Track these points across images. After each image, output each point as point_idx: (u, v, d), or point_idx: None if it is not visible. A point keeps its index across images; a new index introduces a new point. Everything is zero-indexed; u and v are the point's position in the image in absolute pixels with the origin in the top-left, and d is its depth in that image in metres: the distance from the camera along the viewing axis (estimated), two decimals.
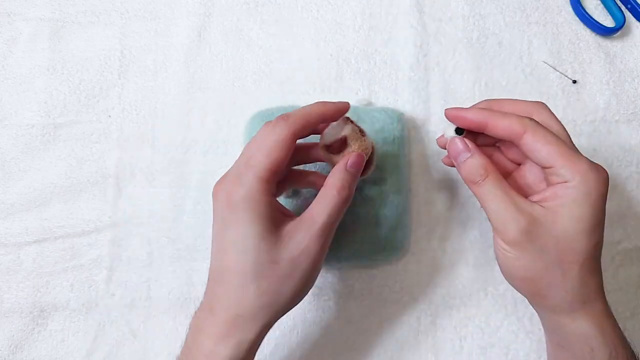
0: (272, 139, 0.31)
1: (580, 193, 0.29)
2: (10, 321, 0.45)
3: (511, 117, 0.31)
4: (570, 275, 0.30)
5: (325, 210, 0.31)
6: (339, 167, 0.33)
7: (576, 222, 0.29)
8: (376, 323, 0.45)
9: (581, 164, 0.29)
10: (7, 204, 0.47)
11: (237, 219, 0.30)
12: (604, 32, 0.51)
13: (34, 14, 0.51)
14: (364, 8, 0.51)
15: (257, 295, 0.30)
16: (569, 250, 0.29)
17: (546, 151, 0.29)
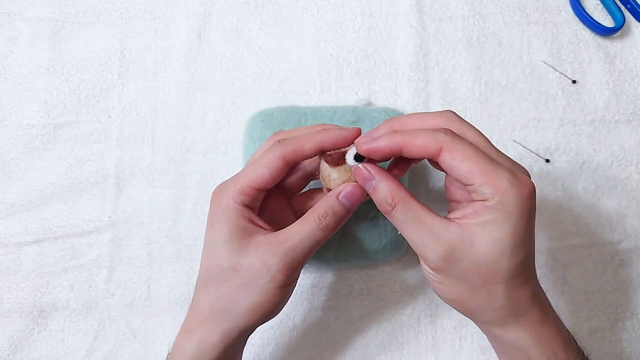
0: (262, 159, 0.32)
1: (500, 213, 0.27)
2: (10, 321, 0.45)
3: (425, 135, 0.28)
4: (497, 295, 0.28)
5: (298, 234, 0.31)
6: (332, 193, 0.31)
7: (496, 244, 0.27)
8: (376, 323, 0.45)
9: (501, 181, 0.27)
10: (7, 204, 0.47)
11: (213, 222, 0.32)
12: (603, 32, 0.51)
13: (34, 14, 0.51)
14: (364, 8, 0.51)
15: (215, 297, 0.31)
16: (491, 272, 0.28)
17: (465, 168, 0.27)
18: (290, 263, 0.30)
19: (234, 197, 0.31)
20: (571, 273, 0.46)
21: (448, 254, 0.28)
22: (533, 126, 0.49)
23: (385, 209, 0.30)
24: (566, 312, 0.46)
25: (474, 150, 0.28)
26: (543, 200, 0.47)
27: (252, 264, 0.30)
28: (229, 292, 0.31)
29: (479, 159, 0.27)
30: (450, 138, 0.28)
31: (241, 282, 0.30)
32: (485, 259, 0.28)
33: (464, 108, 0.49)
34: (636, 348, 0.45)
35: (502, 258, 0.28)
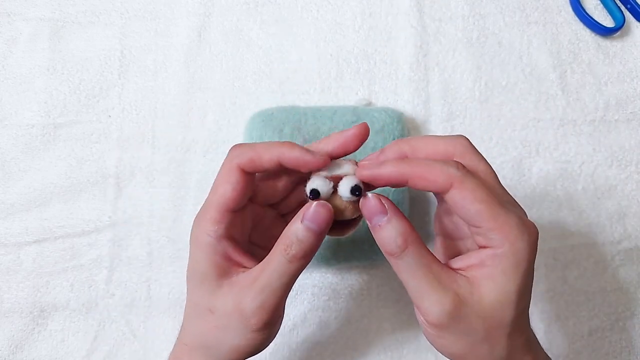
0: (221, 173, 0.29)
1: (509, 264, 0.25)
2: (10, 321, 0.45)
3: (434, 169, 0.26)
4: (498, 347, 0.27)
5: (266, 273, 0.27)
6: (295, 218, 0.27)
7: (504, 296, 0.26)
8: (376, 323, 0.45)
9: (511, 228, 0.25)
10: (7, 204, 0.47)
11: (191, 257, 0.29)
12: (603, 32, 0.51)
13: (34, 14, 0.51)
14: (364, 8, 0.51)
15: (198, 332, 0.30)
16: (497, 325, 0.26)
17: (474, 210, 0.25)
18: (263, 305, 0.27)
19: (207, 230, 0.28)
20: (571, 273, 0.46)
21: (456, 309, 0.26)
22: (533, 126, 0.49)
23: (393, 250, 0.26)
24: (566, 312, 0.46)
25: (485, 191, 0.25)
26: (543, 199, 0.47)
27: (226, 307, 0.28)
28: (209, 331, 0.29)
29: (490, 201, 0.25)
30: (462, 175, 0.25)
31: (219, 324, 0.28)
32: (492, 313, 0.26)
33: (464, 108, 0.49)
34: (636, 348, 0.45)
35: (508, 309, 0.26)
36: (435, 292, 0.26)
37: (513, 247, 0.25)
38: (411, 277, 0.26)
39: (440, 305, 0.25)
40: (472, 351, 0.27)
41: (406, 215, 0.41)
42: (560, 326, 0.45)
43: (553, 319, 0.45)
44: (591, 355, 0.45)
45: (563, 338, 0.45)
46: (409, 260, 0.26)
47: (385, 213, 0.27)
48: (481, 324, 0.26)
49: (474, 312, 0.26)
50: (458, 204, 0.26)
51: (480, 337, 0.26)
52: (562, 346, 0.45)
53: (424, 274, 0.26)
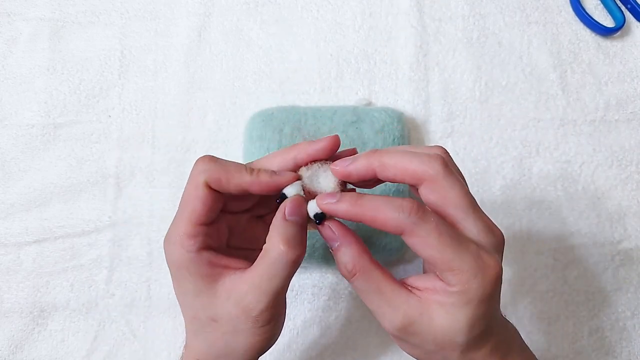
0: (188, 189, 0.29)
1: (459, 299, 0.26)
2: (10, 321, 0.45)
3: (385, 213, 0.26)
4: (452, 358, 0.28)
5: (268, 275, 0.27)
6: (277, 218, 0.28)
7: (454, 323, 0.26)
8: (376, 323, 0.45)
9: (464, 271, 0.26)
10: (7, 204, 0.47)
11: (175, 277, 0.29)
12: (603, 32, 0.51)
13: (34, 14, 0.51)
14: (364, 8, 0.51)
15: (208, 345, 0.30)
16: (448, 344, 0.27)
17: (426, 255, 0.26)
18: (268, 299, 0.28)
19: (183, 246, 0.28)
20: (571, 273, 0.46)
21: (405, 326, 0.27)
22: (533, 126, 0.49)
23: (345, 275, 0.28)
24: (566, 312, 0.46)
25: (436, 238, 0.26)
26: (543, 200, 0.47)
27: (230, 312, 0.28)
28: (219, 340, 0.29)
29: (442, 247, 0.26)
30: (413, 222, 0.26)
31: (227, 331, 0.29)
32: (442, 334, 0.27)
33: (464, 108, 0.49)
34: (636, 348, 0.45)
35: (459, 334, 0.27)
36: (385, 312, 0.27)
37: (463, 288, 0.26)
38: (364, 298, 0.28)
39: (390, 322, 0.27)
40: (426, 358, 0.29)
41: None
42: (560, 326, 0.45)
43: (553, 319, 0.45)
44: (591, 355, 0.45)
45: (563, 338, 0.45)
46: (359, 284, 0.28)
47: (335, 240, 0.28)
48: (431, 341, 0.27)
49: (423, 330, 0.27)
50: (411, 247, 0.26)
51: (432, 350, 0.28)
52: (562, 346, 0.45)
53: (374, 296, 0.28)
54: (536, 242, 0.47)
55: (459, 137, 0.48)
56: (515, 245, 0.47)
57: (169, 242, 0.29)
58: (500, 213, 0.47)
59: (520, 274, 0.46)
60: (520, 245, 0.47)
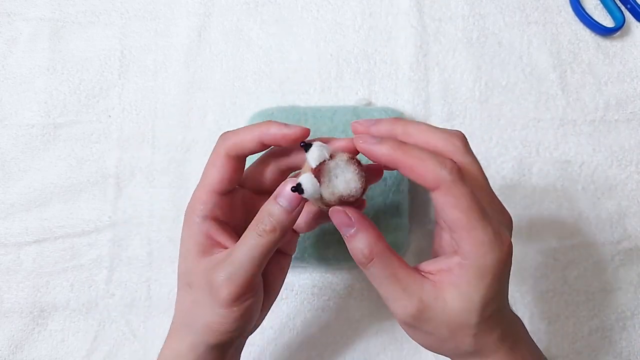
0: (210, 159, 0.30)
1: (474, 275, 0.26)
2: (10, 321, 0.45)
3: (428, 165, 0.26)
4: (464, 344, 0.28)
5: (238, 247, 0.28)
6: (271, 197, 0.28)
7: (467, 303, 0.27)
8: (376, 323, 0.45)
9: (482, 243, 0.26)
10: (7, 204, 0.47)
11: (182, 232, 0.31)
12: (603, 32, 0.51)
13: (34, 14, 0.51)
14: (364, 8, 0.51)
15: (180, 309, 0.31)
16: (461, 327, 0.27)
17: (453, 217, 0.26)
18: (232, 278, 0.28)
19: (194, 209, 0.30)
20: (571, 273, 0.46)
21: (420, 312, 0.27)
22: (533, 126, 0.49)
23: (360, 261, 0.28)
24: (566, 312, 0.46)
25: (468, 201, 0.26)
26: (543, 199, 0.47)
27: (199, 282, 0.29)
28: (187, 307, 0.31)
29: (470, 212, 0.26)
30: (451, 179, 0.26)
31: (194, 299, 0.30)
32: (456, 318, 0.27)
33: (464, 108, 0.49)
34: (636, 348, 0.45)
35: (472, 314, 0.27)
36: (400, 298, 0.27)
37: (479, 261, 0.26)
38: (379, 285, 0.28)
39: (404, 309, 0.27)
40: (439, 346, 0.29)
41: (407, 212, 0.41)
42: (560, 326, 0.45)
43: (553, 319, 0.45)
44: (591, 355, 0.45)
45: (563, 338, 0.45)
46: (375, 270, 0.28)
47: (352, 226, 0.28)
48: (445, 326, 0.27)
49: (437, 316, 0.27)
50: (440, 206, 0.26)
51: (445, 337, 0.28)
52: (562, 346, 0.45)
53: (390, 282, 0.28)
54: (536, 242, 0.47)
55: None
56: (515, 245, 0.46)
57: (189, 204, 0.31)
58: None
59: (521, 274, 0.46)
60: (520, 245, 0.47)
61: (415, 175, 0.26)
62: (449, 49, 0.50)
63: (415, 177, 0.26)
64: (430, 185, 0.26)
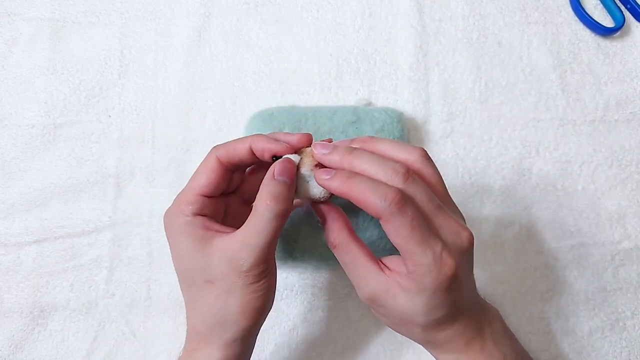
0: (199, 166, 0.33)
1: (416, 287, 0.29)
2: (10, 321, 0.45)
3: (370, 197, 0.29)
4: (415, 333, 0.32)
5: (253, 225, 0.30)
6: (267, 177, 0.31)
7: (412, 305, 0.30)
8: (376, 323, 0.45)
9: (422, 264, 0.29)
10: (7, 204, 0.47)
11: (173, 244, 0.32)
12: (603, 32, 0.51)
13: (34, 14, 0.51)
14: (364, 8, 0.51)
15: (205, 313, 0.32)
16: (409, 321, 0.31)
17: (395, 242, 0.29)
18: (257, 253, 0.30)
19: (181, 211, 0.31)
20: (571, 273, 0.46)
21: (373, 297, 0.31)
22: (533, 126, 0.49)
23: (332, 245, 0.32)
24: (566, 312, 0.46)
25: (407, 231, 0.28)
26: (543, 200, 0.47)
27: (223, 271, 0.30)
28: (215, 305, 0.31)
29: (410, 240, 0.28)
30: (390, 212, 0.28)
31: (221, 292, 0.31)
32: (404, 313, 0.31)
33: (464, 108, 0.49)
34: (636, 348, 0.45)
35: (417, 315, 0.30)
36: (359, 282, 0.32)
37: (419, 279, 0.29)
38: (344, 268, 0.33)
39: (361, 292, 0.32)
40: (396, 329, 0.33)
41: None
42: (560, 326, 0.45)
43: (553, 319, 0.45)
44: (591, 355, 0.45)
45: (563, 338, 0.45)
46: (339, 255, 0.32)
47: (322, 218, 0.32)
48: (396, 315, 0.31)
49: (389, 304, 0.31)
50: (385, 231, 0.30)
51: (397, 322, 0.32)
52: (562, 346, 0.45)
53: (351, 267, 0.32)
54: (536, 242, 0.47)
55: (459, 137, 0.48)
56: (515, 245, 0.47)
57: (168, 212, 0.32)
58: (500, 213, 0.47)
59: (520, 274, 0.46)
60: (520, 245, 0.47)
61: (362, 205, 0.29)
62: (449, 49, 0.50)
63: (363, 207, 0.29)
64: (374, 214, 0.29)
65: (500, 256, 0.46)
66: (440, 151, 0.48)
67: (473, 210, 0.47)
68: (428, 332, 0.32)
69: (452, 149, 0.48)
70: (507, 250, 0.46)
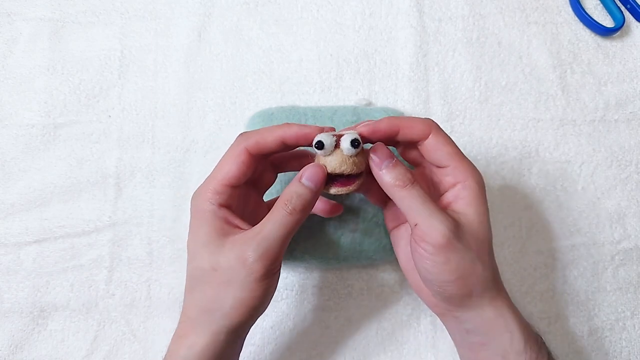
0: (227, 155, 0.33)
1: (475, 191, 0.32)
2: (10, 321, 0.45)
3: (417, 122, 0.33)
4: (487, 265, 0.32)
5: (269, 224, 0.31)
6: (295, 178, 0.32)
7: (482, 215, 0.32)
8: (376, 323, 0.45)
9: (470, 166, 0.33)
10: (7, 204, 0.47)
11: (192, 227, 0.33)
12: (603, 32, 0.51)
13: (34, 14, 0.51)
14: (364, 8, 0.51)
15: (200, 299, 0.32)
16: (483, 242, 0.32)
17: (446, 151, 0.33)
18: (265, 253, 0.30)
19: (208, 198, 0.32)
20: (571, 273, 0.46)
21: (456, 228, 0.31)
22: (533, 126, 0.49)
23: (405, 184, 0.31)
24: (566, 312, 0.46)
25: (452, 145, 0.33)
26: (543, 199, 0.47)
27: (229, 261, 0.31)
28: (211, 293, 0.31)
29: (456, 148, 0.33)
30: (436, 127, 0.33)
31: (222, 281, 0.31)
32: (478, 230, 0.32)
33: (464, 108, 0.49)
34: (636, 348, 0.45)
35: (486, 228, 0.33)
36: (439, 214, 0.31)
37: (474, 179, 0.33)
38: (415, 209, 0.31)
39: (444, 225, 0.30)
40: (471, 271, 0.31)
41: None
42: (560, 326, 0.45)
43: (553, 319, 0.45)
44: (591, 355, 0.45)
45: (563, 338, 0.45)
46: (416, 191, 0.31)
47: (393, 157, 0.32)
48: (474, 241, 0.32)
49: (467, 231, 0.32)
50: (434, 147, 0.33)
51: (474, 255, 0.31)
52: (562, 346, 0.45)
53: (427, 205, 0.31)
54: (536, 242, 0.47)
55: (459, 137, 0.48)
56: (515, 245, 0.47)
57: (197, 195, 0.33)
58: (500, 213, 0.47)
59: (520, 274, 0.46)
60: (520, 245, 0.47)
61: (410, 131, 0.33)
62: (449, 49, 0.50)
63: (410, 133, 0.33)
64: (423, 134, 0.33)
65: (500, 256, 0.46)
66: None
67: None
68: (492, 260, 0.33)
69: None
70: (507, 250, 0.46)
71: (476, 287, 0.32)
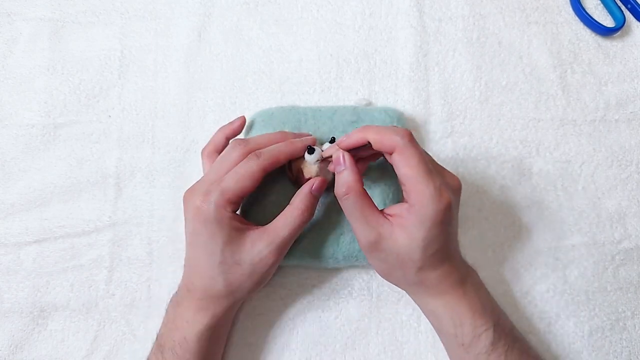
0: (244, 170, 0.36)
1: (417, 219, 0.34)
2: (10, 321, 0.45)
3: (386, 134, 0.35)
4: (410, 274, 0.36)
5: (287, 227, 0.37)
6: (305, 190, 0.38)
7: (412, 241, 0.34)
8: (376, 323, 0.45)
9: (424, 194, 0.33)
10: (7, 204, 0.47)
11: (207, 229, 0.36)
12: (603, 32, 0.51)
13: (34, 14, 0.51)
14: (364, 8, 0.51)
15: (224, 285, 0.37)
16: (407, 260, 0.35)
17: (403, 172, 0.34)
18: (282, 252, 0.38)
19: (224, 206, 0.36)
20: (571, 273, 0.46)
21: (377, 242, 0.35)
22: (533, 126, 0.49)
23: (340, 193, 0.36)
24: (566, 312, 0.45)
25: (417, 160, 0.34)
26: (543, 199, 0.47)
27: (253, 259, 0.37)
28: (237, 280, 0.37)
29: (418, 169, 0.34)
30: (404, 143, 0.34)
31: (245, 273, 0.37)
32: (403, 251, 0.35)
33: (464, 108, 0.49)
34: (637, 348, 0.45)
35: (416, 251, 0.35)
36: (365, 229, 0.36)
37: (422, 209, 0.34)
38: (350, 216, 0.36)
39: (367, 237, 0.36)
40: (390, 273, 0.38)
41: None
42: (560, 326, 0.45)
43: (553, 318, 0.45)
44: (591, 355, 0.45)
45: (563, 338, 0.45)
46: (349, 203, 0.36)
47: (342, 165, 0.36)
48: (395, 257, 0.36)
49: (390, 247, 0.35)
50: (395, 165, 0.35)
51: (395, 265, 0.36)
52: (562, 346, 0.45)
53: (359, 215, 0.36)
54: (536, 242, 0.47)
55: (459, 137, 0.48)
56: (515, 245, 0.47)
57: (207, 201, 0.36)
58: (500, 213, 0.47)
59: (521, 274, 0.46)
60: (520, 245, 0.47)
61: (379, 144, 0.35)
62: (449, 49, 0.50)
63: (379, 146, 0.35)
64: (389, 149, 0.34)
65: (500, 256, 0.46)
66: (440, 151, 0.48)
67: (472, 209, 0.47)
68: (421, 272, 0.36)
69: (452, 149, 0.48)
70: (507, 250, 0.46)
71: (402, 285, 0.39)
